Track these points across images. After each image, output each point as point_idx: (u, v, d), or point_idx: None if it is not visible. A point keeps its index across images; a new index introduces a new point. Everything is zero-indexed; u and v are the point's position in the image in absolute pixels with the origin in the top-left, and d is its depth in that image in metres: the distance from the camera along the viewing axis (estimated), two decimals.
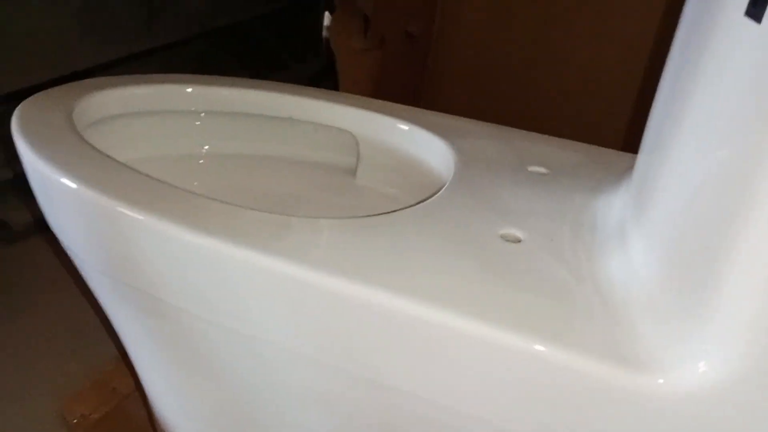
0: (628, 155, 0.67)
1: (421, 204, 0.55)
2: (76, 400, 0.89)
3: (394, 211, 0.54)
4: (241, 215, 0.50)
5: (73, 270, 0.63)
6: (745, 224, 0.35)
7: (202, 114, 0.74)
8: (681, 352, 0.38)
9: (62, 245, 0.60)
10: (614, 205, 0.55)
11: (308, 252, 0.47)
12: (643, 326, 0.41)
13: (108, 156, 0.57)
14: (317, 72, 1.65)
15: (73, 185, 0.53)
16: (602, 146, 0.69)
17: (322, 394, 0.52)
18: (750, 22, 0.35)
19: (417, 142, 0.71)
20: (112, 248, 0.53)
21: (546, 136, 0.71)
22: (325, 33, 1.73)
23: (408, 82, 1.53)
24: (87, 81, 0.70)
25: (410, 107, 0.76)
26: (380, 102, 0.76)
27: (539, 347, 0.41)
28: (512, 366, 0.42)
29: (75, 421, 0.86)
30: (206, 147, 0.76)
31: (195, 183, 0.75)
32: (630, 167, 0.58)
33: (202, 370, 0.57)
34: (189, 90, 0.73)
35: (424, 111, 0.75)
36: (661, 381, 0.38)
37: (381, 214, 0.53)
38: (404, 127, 0.72)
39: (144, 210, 0.50)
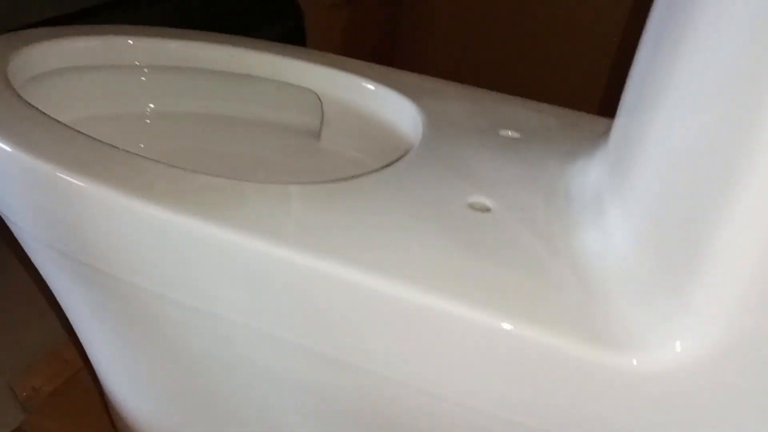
0: (604, 119, 0.64)
1: (386, 169, 0.52)
2: (27, 373, 0.85)
3: (357, 176, 0.51)
4: (190, 180, 0.46)
5: (16, 240, 0.58)
6: (730, 197, 0.32)
7: (146, 69, 0.69)
8: (658, 330, 0.36)
9: (1, 214, 0.55)
10: (589, 173, 0.52)
11: (262, 221, 0.43)
12: (619, 302, 0.39)
13: (46, 115, 0.52)
14: (287, 32, 1.59)
15: (8, 148, 0.48)
16: (578, 110, 0.66)
17: (280, 372, 0.49)
18: None
19: (384, 103, 0.67)
20: (51, 217, 0.49)
21: (519, 99, 0.68)
22: None
23: (380, 41, 1.48)
24: (23, 32, 0.64)
25: (378, 66, 0.71)
26: (346, 60, 0.72)
27: (510, 324, 0.38)
28: (482, 344, 0.39)
29: (25, 394, 0.82)
30: (151, 105, 0.70)
31: (141, 145, 0.70)
32: (605, 132, 0.55)
33: (153, 346, 0.54)
34: (131, 42, 0.67)
35: (393, 70, 0.71)
36: (636, 359, 0.36)
37: (342, 179, 0.50)
38: (371, 86, 0.68)
39: (84, 175, 0.46)
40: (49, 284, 0.60)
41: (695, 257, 0.34)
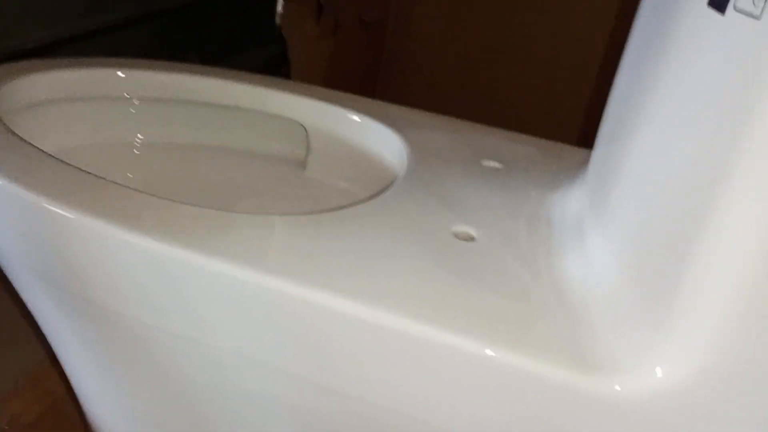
0: (583, 150, 0.65)
1: (372, 200, 0.53)
2: (6, 402, 0.83)
3: (344, 207, 0.52)
4: (178, 211, 0.47)
5: None
6: (707, 223, 0.33)
7: (136, 101, 0.69)
8: (639, 356, 0.37)
9: None
10: (570, 201, 0.54)
11: (250, 251, 0.44)
12: (600, 328, 0.40)
13: (34, 146, 0.53)
14: (274, 56, 1.60)
15: None
16: (557, 141, 0.68)
17: (268, 398, 0.49)
18: (713, 13, 0.33)
19: (369, 134, 0.69)
20: (37, 246, 0.49)
21: (500, 130, 0.69)
22: (277, 20, 1.68)
23: (363, 71, 1.50)
24: (12, 64, 0.65)
25: (362, 98, 0.73)
26: (331, 92, 0.73)
27: (494, 351, 0.39)
28: (466, 370, 0.40)
29: (5, 423, 0.81)
30: (140, 136, 0.71)
31: (129, 175, 0.70)
32: (585, 162, 0.57)
33: (140, 375, 0.54)
34: (121, 75, 0.68)
35: (377, 102, 0.72)
36: (618, 384, 0.37)
37: (329, 210, 0.51)
38: (356, 118, 0.69)
39: (72, 206, 0.46)
40: (32, 311, 0.59)
41: (674, 283, 0.35)
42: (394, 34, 1.49)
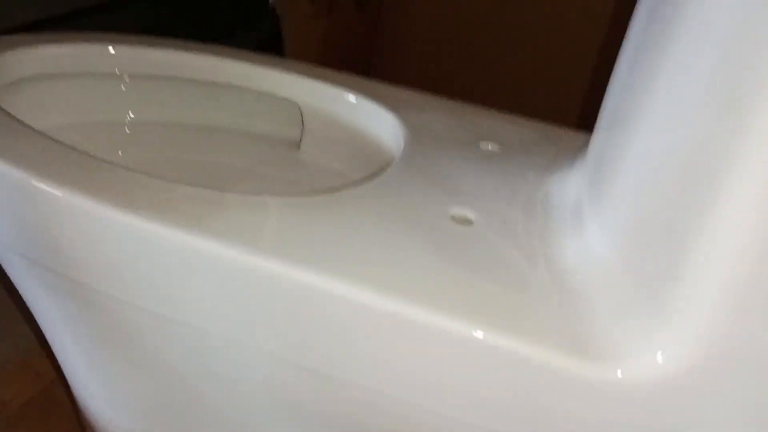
0: (582, 134, 0.65)
1: (368, 182, 0.52)
2: None
3: (340, 189, 0.51)
4: (171, 190, 0.46)
5: None
6: (709, 211, 0.33)
7: (127, 78, 0.68)
8: (639, 342, 0.36)
9: None
10: (568, 185, 0.53)
11: (243, 232, 0.43)
12: (600, 314, 0.39)
13: (22, 122, 0.51)
14: (264, 39, 1.58)
15: None
16: (555, 123, 0.67)
17: (256, 383, 0.48)
18: None
19: (365, 115, 0.67)
20: (26, 226, 0.48)
21: (498, 112, 0.68)
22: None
23: (358, 51, 1.48)
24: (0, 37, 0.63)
25: (358, 77, 0.72)
26: (327, 71, 0.72)
27: (493, 336, 0.38)
28: (462, 355, 0.39)
29: None
30: (131, 114, 0.70)
31: (119, 153, 0.69)
32: (583, 146, 0.56)
33: (128, 359, 0.53)
34: (112, 51, 0.66)
35: (374, 82, 0.71)
36: (618, 371, 0.36)
37: (325, 192, 0.50)
38: (352, 98, 0.68)
39: (62, 184, 0.45)
40: (22, 294, 0.58)
41: (674, 270, 0.35)
42: (388, 13, 1.47)
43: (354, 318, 0.41)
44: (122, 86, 0.68)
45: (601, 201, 0.45)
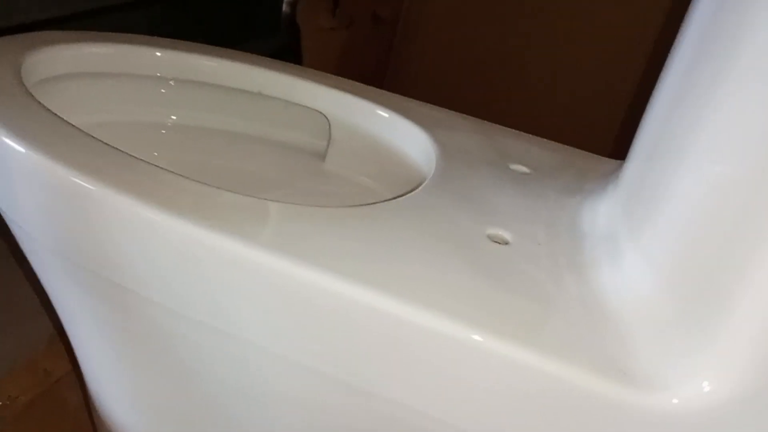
0: (610, 160, 0.65)
1: (405, 196, 0.52)
2: (4, 382, 0.82)
3: (377, 202, 0.51)
4: (216, 196, 0.46)
5: (4, 239, 0.57)
6: (764, 242, 0.33)
7: (171, 81, 0.68)
8: (683, 370, 0.37)
9: (4, 217, 0.54)
10: (600, 211, 0.54)
11: (290, 242, 0.43)
12: (642, 341, 0.39)
13: (62, 118, 0.51)
14: (276, 49, 1.59)
15: (22, 149, 0.47)
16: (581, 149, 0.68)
17: (293, 397, 0.48)
18: None
19: (395, 130, 0.68)
20: (66, 224, 0.48)
21: (526, 135, 0.69)
22: (285, 8, 1.67)
23: (373, 66, 1.49)
24: (38, 33, 0.63)
25: (387, 92, 0.72)
26: (355, 84, 0.72)
27: (534, 358, 0.38)
28: (504, 376, 0.39)
29: (1, 404, 0.79)
30: (171, 117, 0.70)
31: (155, 154, 0.69)
32: (613, 172, 0.57)
33: (160, 364, 0.52)
34: (159, 54, 0.67)
35: (402, 98, 0.72)
36: (662, 399, 0.36)
37: (363, 205, 0.50)
38: (383, 113, 0.68)
39: (106, 182, 0.45)
40: (47, 291, 0.58)
41: (722, 301, 0.35)
42: (404, 31, 1.48)
43: (395, 333, 0.41)
44: (163, 89, 0.69)
45: (642, 231, 0.45)
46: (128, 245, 0.46)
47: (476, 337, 0.39)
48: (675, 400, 0.36)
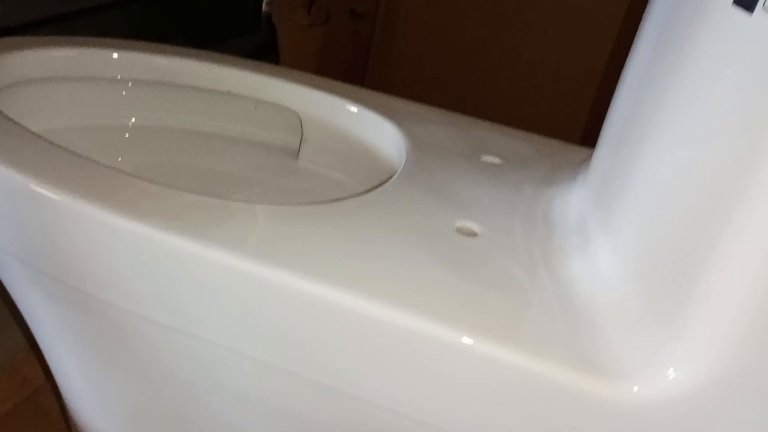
0: (582, 149, 0.65)
1: (373, 192, 0.52)
2: None
3: (345, 198, 0.50)
4: (175, 198, 0.45)
5: None
6: (729, 229, 0.33)
7: (130, 83, 0.67)
8: (650, 358, 0.36)
9: None
10: (570, 201, 0.53)
11: (250, 241, 0.43)
12: (609, 330, 0.39)
13: (21, 125, 0.51)
14: (257, 47, 1.58)
15: None
16: (556, 138, 0.68)
17: (254, 394, 0.48)
18: (740, 13, 0.33)
19: (366, 125, 0.67)
20: (28, 232, 0.47)
21: (498, 125, 0.69)
22: (265, 7, 1.66)
23: (352, 62, 1.49)
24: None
25: (358, 87, 0.72)
26: (327, 80, 0.72)
27: (501, 352, 0.38)
28: (471, 370, 0.39)
29: None
30: (133, 119, 0.69)
31: (119, 158, 0.68)
32: (584, 161, 0.56)
33: (128, 367, 0.52)
34: (115, 56, 0.66)
35: (373, 92, 0.71)
36: (629, 388, 0.36)
37: (331, 201, 0.50)
38: (353, 108, 0.68)
39: (63, 189, 0.44)
40: (13, 297, 0.57)
41: (689, 288, 0.35)
42: (383, 26, 1.47)
43: (362, 330, 0.41)
44: (123, 91, 0.68)
45: (609, 219, 0.45)
46: (89, 251, 0.45)
47: (445, 333, 0.38)
48: (637, 389, 0.36)
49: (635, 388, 0.36)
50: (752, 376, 0.34)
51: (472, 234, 0.49)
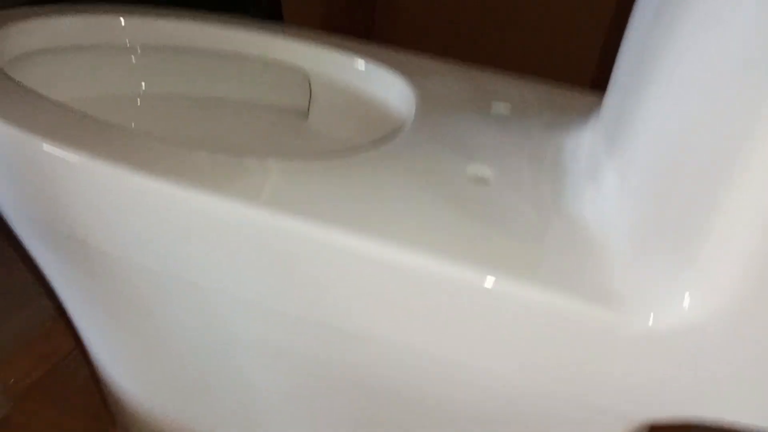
0: (593, 93, 0.64)
1: (384, 144, 0.52)
2: (11, 361, 0.83)
3: (355, 151, 0.51)
4: (188, 155, 0.46)
5: None
6: (742, 155, 0.33)
7: (138, 49, 0.67)
8: (664, 289, 0.37)
9: None
10: (583, 143, 0.53)
11: (265, 193, 0.43)
12: (622, 263, 0.39)
13: (34, 91, 0.51)
14: (262, 5, 1.56)
15: None
16: (567, 83, 0.67)
17: (280, 348, 0.49)
18: None
19: (374, 81, 0.67)
20: (41, 193, 0.48)
21: (508, 74, 0.68)
22: None
23: (358, 18, 1.47)
24: (8, 11, 0.62)
25: (366, 43, 0.71)
26: (333, 37, 0.71)
27: (515, 287, 0.39)
28: (488, 308, 0.40)
29: (13, 381, 0.81)
30: (143, 86, 0.69)
31: (132, 125, 0.68)
32: (596, 105, 0.56)
33: (147, 325, 0.53)
34: (122, 22, 0.66)
35: (381, 47, 0.71)
36: (643, 318, 0.36)
37: (341, 154, 0.50)
38: (360, 64, 0.67)
39: (78, 149, 0.45)
40: (38, 264, 0.58)
41: (701, 216, 0.35)
42: None
43: (364, 270, 0.41)
44: (132, 58, 0.68)
45: (620, 155, 0.45)
46: (102, 209, 0.46)
47: (463, 272, 0.39)
48: (653, 318, 0.36)
49: (651, 318, 0.36)
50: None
51: (484, 179, 0.49)
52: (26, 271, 0.89)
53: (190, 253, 0.45)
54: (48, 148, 0.45)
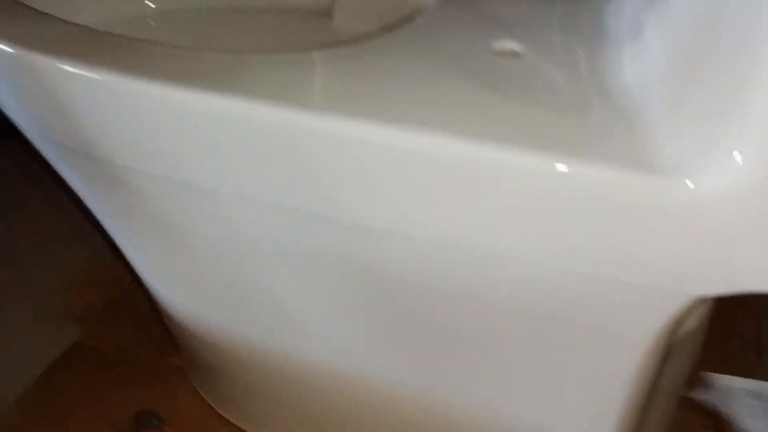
0: None
1: (404, 28, 0.48)
2: (79, 290, 0.86)
3: (373, 37, 0.47)
4: (193, 57, 0.44)
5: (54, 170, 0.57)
6: None
7: None
8: (714, 150, 0.32)
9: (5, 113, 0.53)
10: (624, 11, 0.48)
11: (272, 87, 0.40)
12: (666, 131, 0.35)
13: (44, 13, 0.50)
14: None
15: (6, 48, 0.46)
16: None
17: (316, 248, 0.47)
18: None
19: None
20: (60, 114, 0.47)
21: None
22: None
23: None
24: None
25: None
26: None
27: (558, 164, 0.35)
28: (527, 188, 0.36)
29: (80, 309, 0.84)
30: (151, 5, 0.67)
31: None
32: None
33: (177, 242, 0.53)
34: None
35: None
36: (690, 184, 0.33)
37: (360, 42, 0.46)
38: None
39: (83, 63, 0.43)
40: (74, 190, 0.59)
41: (742, 84, 0.31)
42: None
43: (396, 161, 0.38)
44: None
45: (666, 7, 0.39)
46: (107, 119, 0.45)
47: (499, 153, 0.36)
48: (700, 184, 0.32)
49: (702, 181, 0.32)
50: None
51: (515, 54, 0.45)
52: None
53: (203, 157, 0.43)
54: (56, 64, 0.44)
